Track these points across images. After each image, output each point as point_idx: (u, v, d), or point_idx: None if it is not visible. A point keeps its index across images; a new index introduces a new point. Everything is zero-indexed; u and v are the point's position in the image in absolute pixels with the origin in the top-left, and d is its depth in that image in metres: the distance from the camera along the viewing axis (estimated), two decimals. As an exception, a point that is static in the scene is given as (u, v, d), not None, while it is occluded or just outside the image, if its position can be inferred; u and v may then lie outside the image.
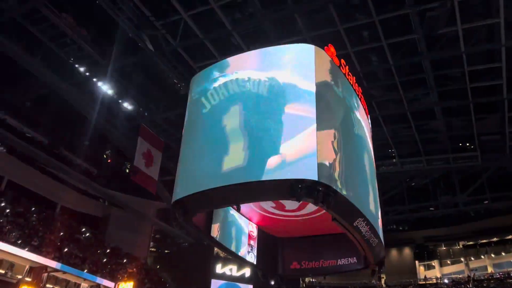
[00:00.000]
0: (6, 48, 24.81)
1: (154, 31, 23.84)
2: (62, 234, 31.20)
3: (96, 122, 30.40)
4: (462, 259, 43.20)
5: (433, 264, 44.21)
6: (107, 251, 34.71)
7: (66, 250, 29.74)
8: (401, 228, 45.94)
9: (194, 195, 11.30)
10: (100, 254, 33.48)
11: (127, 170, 37.04)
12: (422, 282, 41.46)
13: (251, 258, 15.78)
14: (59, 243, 29.83)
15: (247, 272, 38.67)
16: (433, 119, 30.30)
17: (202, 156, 11.69)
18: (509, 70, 24.61)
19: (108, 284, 29.64)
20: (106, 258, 33.38)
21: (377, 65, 26.08)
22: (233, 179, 10.65)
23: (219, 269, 39.01)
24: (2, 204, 28.10)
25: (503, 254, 41.21)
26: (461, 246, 43.74)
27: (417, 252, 44.26)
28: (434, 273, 43.42)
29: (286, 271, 16.93)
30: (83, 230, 35.08)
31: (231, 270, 39.16)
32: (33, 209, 30.98)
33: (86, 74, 27.09)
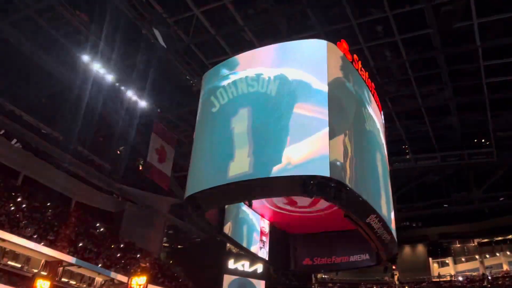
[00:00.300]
0: (21, 45, 25.17)
1: (167, 28, 23.94)
2: (77, 229, 31.63)
3: (110, 118, 30.71)
4: (477, 257, 42.69)
5: (447, 261, 43.76)
6: (121, 246, 35.08)
7: (81, 244, 30.14)
8: (414, 224, 45.54)
9: (206, 191, 11.35)
10: (114, 249, 33.85)
11: (141, 166, 37.34)
12: (436, 279, 41.10)
13: (263, 254, 15.79)
14: (74, 238, 30.26)
15: (260, 267, 38.69)
16: (447, 115, 29.96)
17: (212, 154, 11.72)
18: (526, 65, 24.24)
19: (121, 278, 29.94)
20: (120, 253, 33.74)
21: (390, 60, 25.85)
22: (245, 176, 10.68)
23: (232, 264, 39.07)
24: (19, 199, 28.58)
25: (519, 251, 40.69)
26: (476, 243, 43.21)
27: (430, 249, 43.84)
28: (448, 270, 42.99)
29: (298, 267, 16.91)
30: (97, 225, 35.52)
31: (244, 265, 39.20)
32: (48, 204, 31.46)
33: (100, 72, 27.31)
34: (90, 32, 24.75)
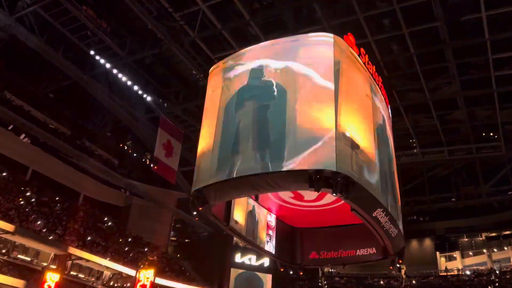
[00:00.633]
0: (29, 41, 25.30)
1: (173, 23, 23.93)
2: (85, 223, 31.91)
3: (117, 113, 30.83)
4: (485, 251, 42.49)
5: (454, 255, 43.61)
6: (129, 240, 35.36)
7: (89, 238, 30.42)
8: (422, 219, 45.37)
9: (213, 185, 11.40)
10: (122, 243, 34.14)
11: (148, 161, 37.51)
12: (443, 274, 40.99)
13: (270, 248, 15.83)
14: (82, 232, 30.54)
15: (266, 261, 38.88)
16: (455, 109, 29.72)
17: (219, 148, 11.74)
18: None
19: (129, 272, 30.20)
20: (128, 247, 34.02)
21: (398, 54, 25.67)
22: (251, 170, 10.70)
23: (238, 258, 39.31)
24: (28, 193, 28.87)
25: (528, 246, 40.43)
26: (483, 237, 42.96)
27: (438, 243, 43.69)
28: (455, 264, 42.83)
29: (304, 261, 16.95)
30: (105, 219, 35.80)
31: (250, 259, 39.42)
32: (57, 198, 31.74)
33: (107, 66, 27.40)
34: (97, 27, 24.79)
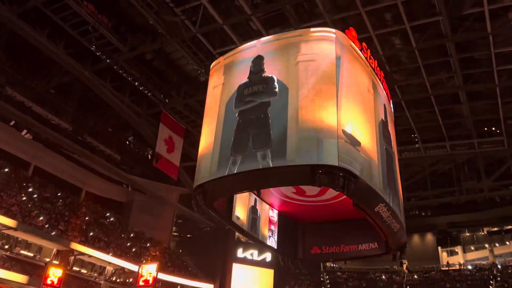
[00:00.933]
0: (30, 36, 25.25)
1: (174, 18, 23.85)
2: (87, 218, 32.02)
3: (118, 108, 30.80)
4: (487, 245, 42.53)
5: (456, 250, 43.68)
6: (131, 236, 35.48)
7: (91, 234, 30.53)
8: (423, 213, 45.39)
9: (215, 181, 11.39)
10: (124, 239, 34.25)
11: (149, 156, 37.56)
12: (445, 268, 41.05)
13: (272, 243, 15.84)
14: (85, 228, 30.64)
15: (268, 256, 38.94)
16: (457, 103, 29.63)
17: (220, 144, 11.72)
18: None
19: (132, 267, 30.32)
20: (130, 242, 34.14)
21: (400, 48, 25.56)
22: (253, 161, 10.69)
23: (240, 253, 39.38)
24: (30, 189, 28.95)
25: (529, 240, 40.45)
26: (485, 232, 43.02)
27: (440, 238, 43.79)
28: (457, 259, 42.89)
29: (306, 256, 16.95)
30: (107, 215, 35.91)
31: (252, 254, 39.48)
32: (59, 194, 31.84)
33: (108, 61, 27.35)
34: (98, 22, 24.71)
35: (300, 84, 11.22)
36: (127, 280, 31.50)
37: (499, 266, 38.18)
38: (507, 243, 41.39)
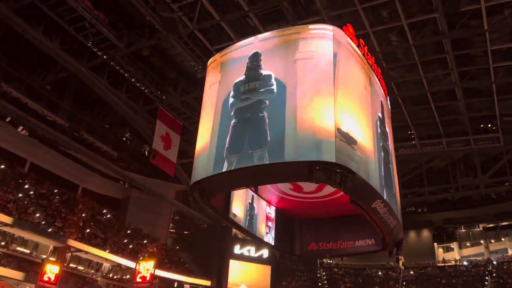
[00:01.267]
0: (26, 32, 25.10)
1: (171, 14, 23.75)
2: (84, 215, 31.96)
3: (115, 105, 30.69)
4: (482, 242, 42.78)
5: (452, 246, 43.93)
6: (128, 232, 35.46)
7: (88, 231, 30.48)
8: (420, 210, 45.59)
9: (212, 177, 11.40)
10: (121, 235, 34.23)
11: (146, 153, 37.49)
12: (441, 264, 41.28)
13: (269, 239, 15.91)
14: (81, 224, 30.58)
15: (265, 253, 39.07)
16: (453, 100, 29.73)
17: (217, 140, 11.72)
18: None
19: (129, 264, 30.32)
20: (127, 239, 34.12)
21: (396, 45, 25.58)
22: (249, 162, 10.70)
23: (238, 250, 39.49)
24: (26, 186, 28.85)
25: (525, 236, 40.72)
26: (481, 228, 43.27)
27: (436, 234, 44.01)
28: (453, 255, 43.15)
29: (303, 252, 17.04)
30: (104, 211, 35.85)
31: (249, 251, 39.60)
32: (55, 191, 31.75)
33: (104, 57, 27.23)
34: (95, 18, 24.60)
35: (298, 82, 11.21)
36: (124, 276, 31.50)
37: (495, 262, 38.43)
38: (503, 239, 41.68)
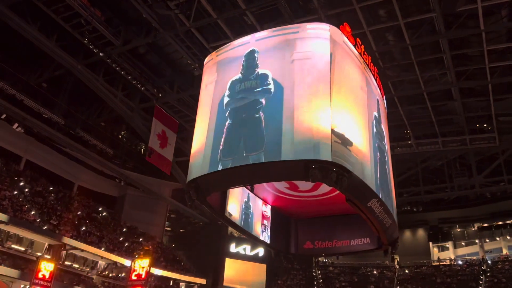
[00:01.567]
0: (21, 29, 24.96)
1: (168, 12, 23.66)
2: (79, 213, 31.87)
3: (111, 103, 30.60)
4: (477, 241, 42.97)
5: (447, 245, 44.10)
6: (124, 230, 35.39)
7: (83, 228, 30.40)
8: (415, 209, 45.71)
9: (208, 176, 11.39)
10: (116, 233, 34.16)
11: (142, 151, 37.40)
12: (436, 263, 41.45)
13: (265, 237, 15.92)
14: (77, 222, 30.49)
15: (261, 251, 39.11)
16: (450, 100, 29.81)
17: (213, 139, 11.70)
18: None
19: (124, 262, 30.27)
20: (123, 237, 34.05)
21: (393, 44, 25.62)
22: (247, 160, 10.69)
23: (233, 248, 39.52)
24: (21, 183, 28.73)
25: (519, 236, 40.92)
26: (476, 228, 43.45)
27: (431, 233, 44.22)
28: (448, 254, 43.32)
29: (299, 251, 17.08)
30: (100, 209, 35.76)
31: (245, 249, 39.64)
32: (51, 188, 31.63)
33: (100, 55, 27.13)
34: (91, 15, 24.50)
35: (295, 83, 11.18)
36: (120, 274, 31.44)
37: (489, 262, 38.62)
38: (497, 239, 41.87)
